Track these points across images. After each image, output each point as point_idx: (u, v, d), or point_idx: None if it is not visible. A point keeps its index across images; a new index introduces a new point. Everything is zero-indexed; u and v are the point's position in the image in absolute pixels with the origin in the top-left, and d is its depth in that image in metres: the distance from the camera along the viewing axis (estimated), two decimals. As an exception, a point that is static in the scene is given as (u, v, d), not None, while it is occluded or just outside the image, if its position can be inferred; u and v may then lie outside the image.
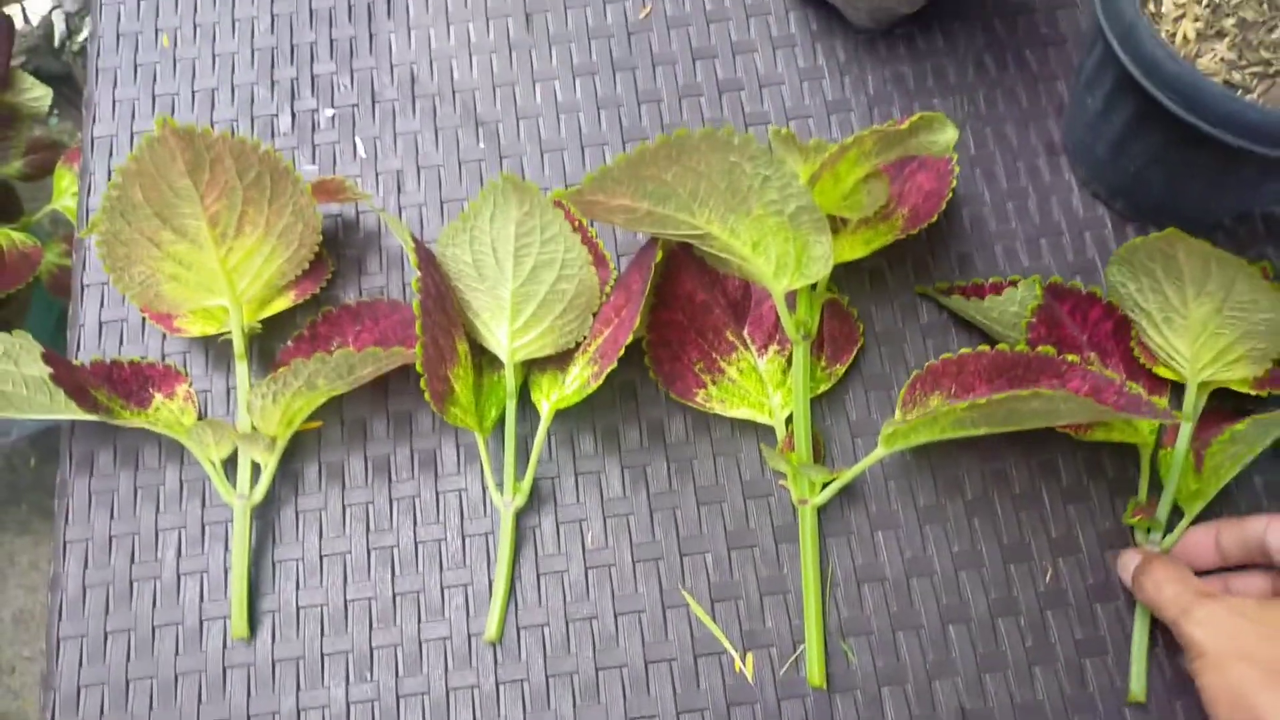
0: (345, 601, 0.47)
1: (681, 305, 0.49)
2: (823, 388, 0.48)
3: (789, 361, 0.48)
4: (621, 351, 0.43)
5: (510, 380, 0.47)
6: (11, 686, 1.18)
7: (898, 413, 0.44)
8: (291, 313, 0.51)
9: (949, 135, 0.41)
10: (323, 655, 0.46)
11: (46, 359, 0.43)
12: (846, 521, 0.47)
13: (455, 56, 0.57)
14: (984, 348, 0.42)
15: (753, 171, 0.40)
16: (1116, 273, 0.45)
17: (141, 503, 0.49)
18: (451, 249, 0.46)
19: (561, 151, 0.55)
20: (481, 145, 0.55)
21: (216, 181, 0.43)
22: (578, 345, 0.47)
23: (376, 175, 0.55)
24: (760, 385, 0.48)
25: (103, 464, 0.50)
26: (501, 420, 0.48)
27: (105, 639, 0.47)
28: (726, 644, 0.45)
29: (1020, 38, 0.56)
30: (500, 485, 0.47)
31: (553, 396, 0.47)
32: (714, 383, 0.48)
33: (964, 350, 0.42)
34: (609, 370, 0.44)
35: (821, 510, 0.47)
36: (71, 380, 0.43)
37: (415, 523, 0.48)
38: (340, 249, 0.53)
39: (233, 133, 0.44)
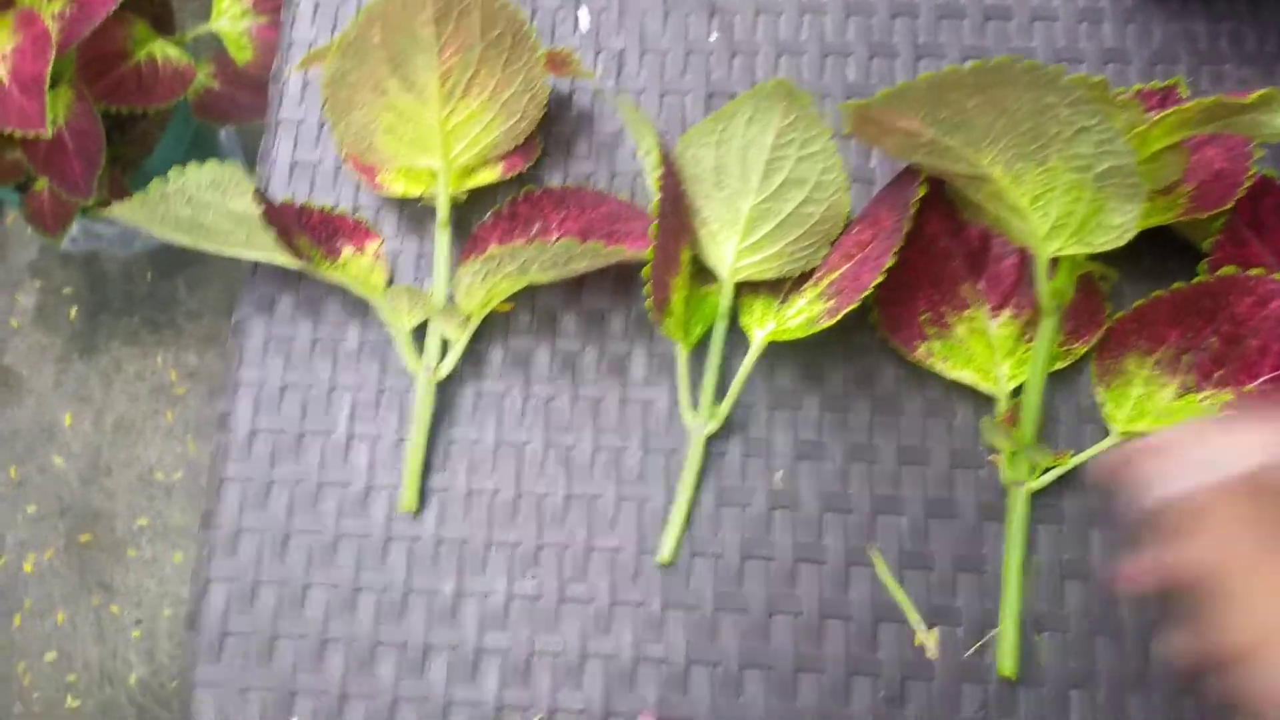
0: (517, 494, 0.45)
1: (920, 247, 0.45)
2: (1056, 365, 0.44)
3: (1024, 329, 0.44)
4: (868, 292, 0.40)
5: (725, 299, 0.44)
6: (106, 487, 1.22)
7: (1098, 390, 0.41)
8: (493, 188, 0.48)
9: (1293, 117, 0.36)
10: (488, 544, 0.45)
11: (258, 197, 0.41)
12: (1059, 510, 0.44)
13: (699, -70, 0.52)
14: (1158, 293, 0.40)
15: (1067, 119, 0.35)
16: None
17: (318, 356, 0.47)
18: (694, 149, 0.42)
19: (800, 56, 0.50)
20: (714, 37, 0.51)
21: (459, 35, 0.40)
22: (804, 274, 0.44)
23: (596, 52, 0.51)
24: (988, 350, 0.44)
25: (282, 310, 0.48)
26: (704, 338, 0.45)
27: (269, 487, 0.46)
28: (912, 614, 0.43)
29: (1337, 7, 0.49)
30: (695, 406, 0.45)
31: (767, 325, 0.44)
32: (938, 338, 0.44)
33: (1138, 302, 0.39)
34: (847, 310, 0.40)
35: (1034, 494, 0.44)
36: (280, 222, 0.41)
37: (596, 427, 0.46)
38: (549, 127, 0.50)
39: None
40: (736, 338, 0.46)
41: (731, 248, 0.43)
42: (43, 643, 1.18)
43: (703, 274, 0.45)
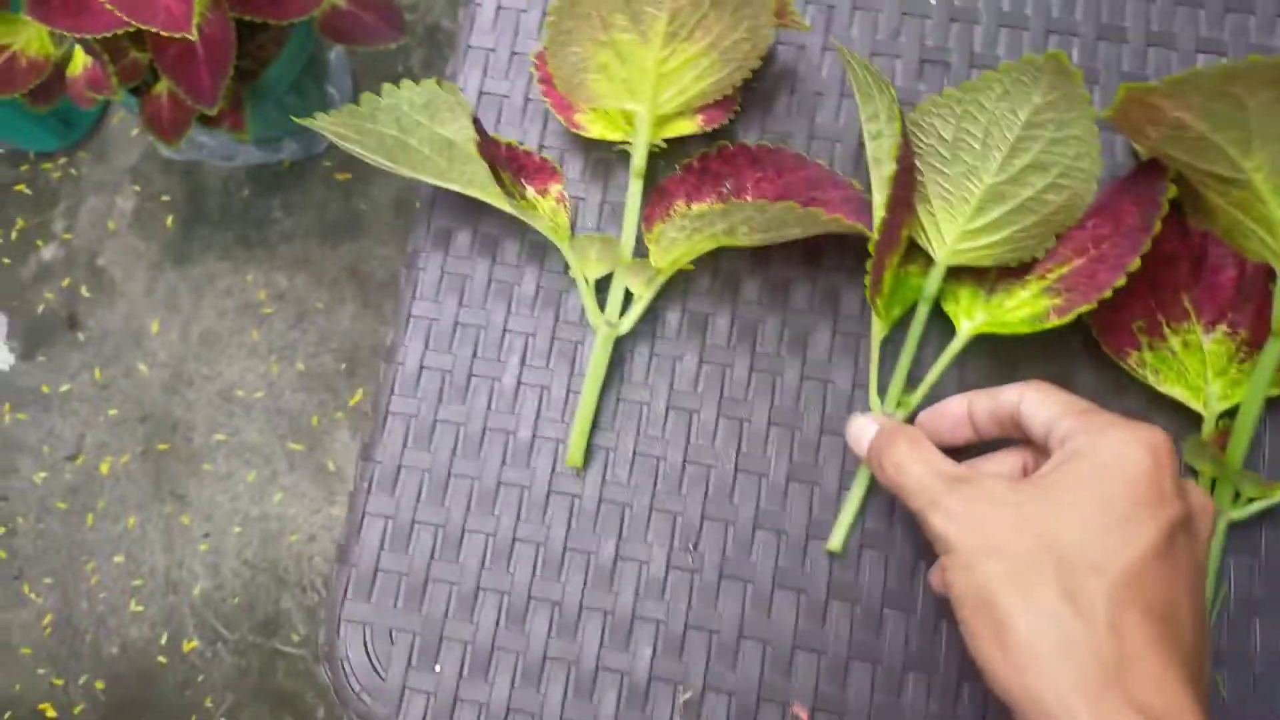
0: (683, 461, 0.44)
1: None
2: (1272, 391, 0.42)
3: (1238, 349, 0.42)
4: (1108, 293, 0.37)
5: (933, 282, 0.42)
6: (187, 398, 1.22)
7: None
8: (682, 140, 0.46)
9: None
10: (651, 509, 0.43)
11: (476, 126, 0.39)
12: (1255, 543, 0.41)
13: (925, -110, 0.49)
14: None
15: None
16: None
17: (493, 297, 0.46)
18: (931, 119, 0.40)
19: (1022, 31, 0.47)
20: (934, 0, 0.48)
21: (702, -29, 0.37)
22: (1022, 265, 0.41)
23: (805, 3, 0.48)
24: (1200, 366, 0.42)
25: (459, 245, 0.46)
26: (902, 322, 0.43)
27: (434, 426, 0.45)
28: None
29: None
30: (882, 393, 0.43)
31: (976, 317, 0.41)
32: (1151, 348, 0.42)
33: None
34: (1080, 310, 0.38)
35: (1231, 524, 0.41)
36: (493, 154, 0.39)
37: (772, 404, 0.44)
38: (749, 81, 0.47)
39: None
40: (939, 326, 0.43)
41: (953, 229, 0.41)
42: (112, 545, 1.20)
43: (912, 254, 0.43)
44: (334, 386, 1.22)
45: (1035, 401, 0.34)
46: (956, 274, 0.43)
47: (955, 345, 0.42)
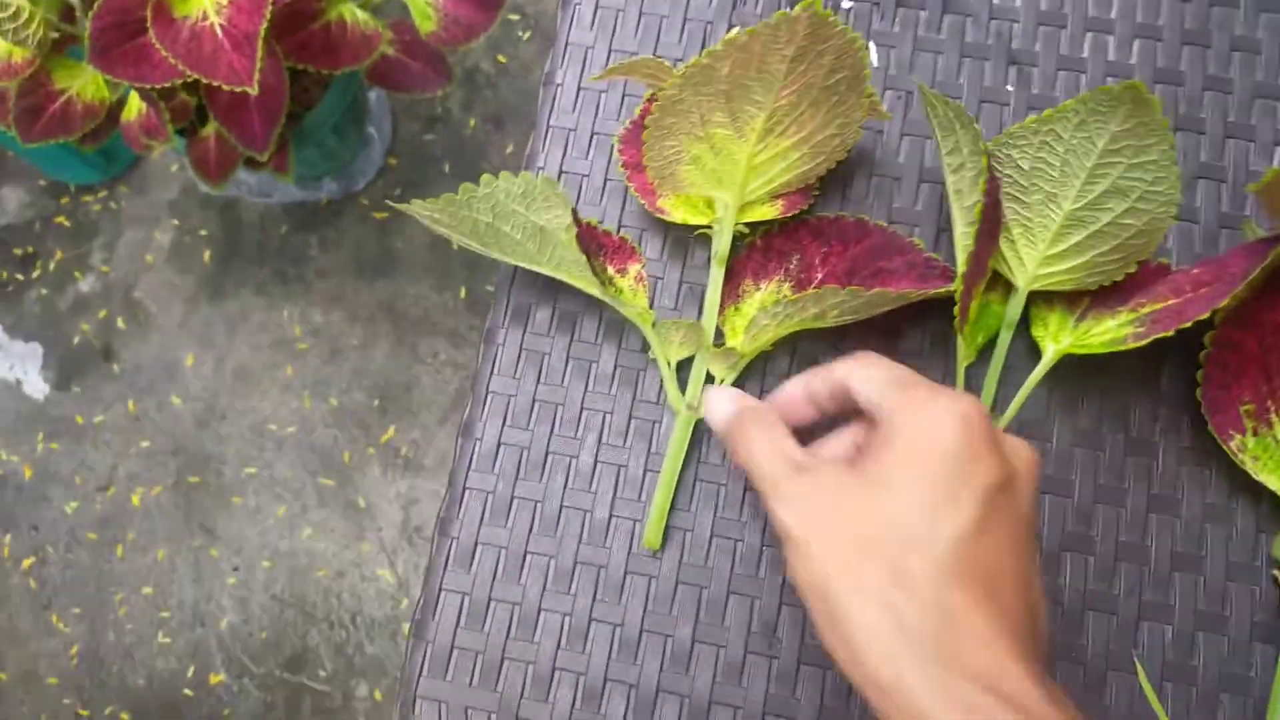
0: (761, 545, 0.44)
1: (1260, 328, 0.42)
2: (1364, 491, 0.42)
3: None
4: (1186, 324, 0.38)
5: (1015, 308, 0.43)
6: (219, 432, 1.23)
7: None
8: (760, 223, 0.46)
9: None
10: (729, 592, 0.43)
11: (575, 217, 0.39)
12: (1340, 642, 0.41)
13: (1000, -25, 0.50)
14: None
15: None
16: None
17: (572, 375, 0.46)
18: (1008, 150, 0.41)
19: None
20: (1010, 87, 0.48)
21: (805, 74, 0.38)
22: (1107, 292, 0.42)
23: (884, 89, 0.49)
24: (1293, 459, 0.42)
25: (538, 322, 0.47)
26: (985, 350, 0.44)
27: (511, 502, 0.45)
28: (1175, 728, 0.41)
29: None
30: None
31: (1063, 340, 0.42)
32: (1255, 434, 0.42)
33: None
34: (1157, 336, 0.39)
35: (1317, 621, 0.41)
36: (590, 244, 0.40)
37: (850, 486, 0.44)
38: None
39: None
40: (1024, 350, 0.45)
41: (1034, 255, 0.41)
42: (141, 576, 1.20)
43: (991, 281, 0.44)
44: (366, 423, 1.22)
45: (862, 377, 0.35)
46: (1048, 300, 0.44)
47: (1042, 367, 0.43)
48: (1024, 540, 0.32)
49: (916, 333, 0.46)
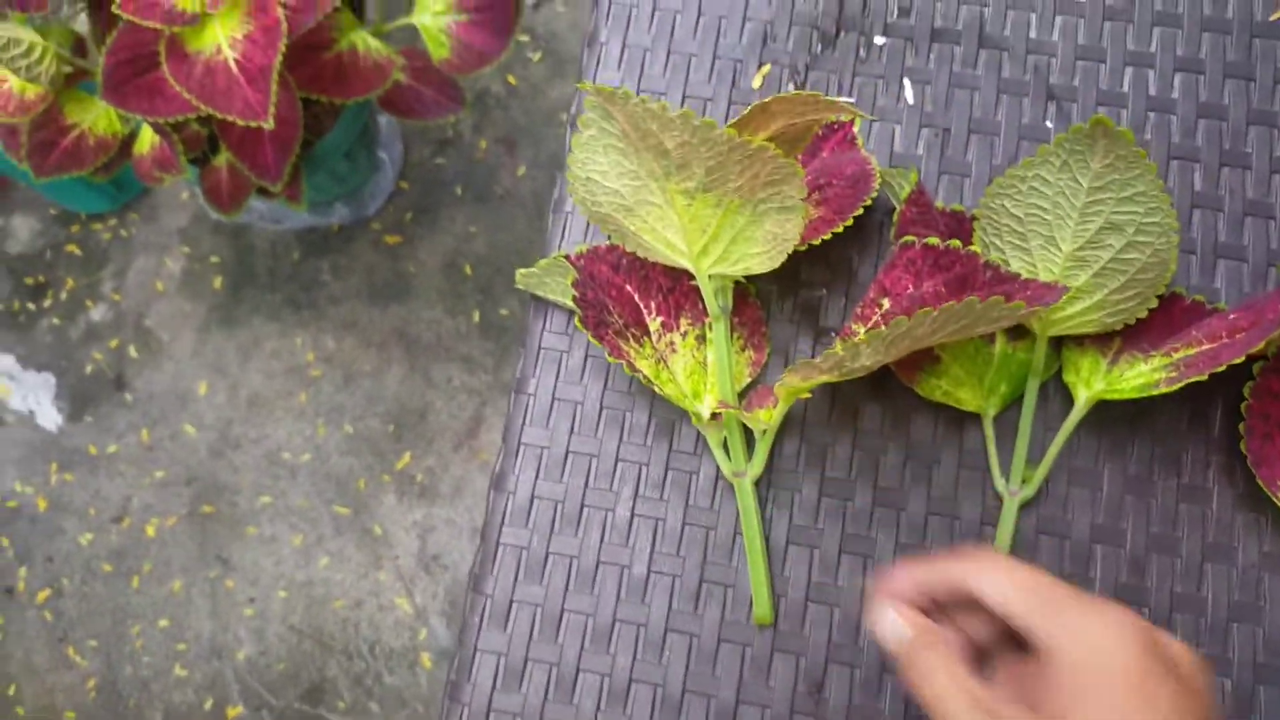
0: (805, 600, 0.43)
1: None
2: None
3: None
4: (1220, 368, 0.37)
5: (1039, 355, 0.42)
6: (233, 461, 1.22)
7: None
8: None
9: None
10: (773, 649, 0.42)
11: (577, 294, 0.38)
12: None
13: (1036, 10, 0.49)
14: None
15: None
16: None
17: (605, 426, 0.45)
18: (999, 201, 0.41)
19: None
20: (1049, 123, 0.47)
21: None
22: (1138, 335, 0.41)
23: (919, 126, 0.47)
24: (1344, 511, 0.41)
25: (570, 370, 0.46)
26: (1014, 400, 0.43)
27: (546, 559, 0.44)
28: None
29: None
30: (1006, 473, 0.42)
31: (1096, 387, 0.41)
32: (1297, 489, 0.41)
33: None
34: (1190, 380, 0.38)
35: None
36: (595, 320, 0.40)
37: (897, 537, 0.43)
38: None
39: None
40: (1055, 397, 0.44)
41: None
42: (157, 608, 1.19)
43: (1016, 332, 0.43)
44: (381, 450, 1.21)
45: (994, 590, 0.34)
46: (1079, 345, 0.43)
47: (1076, 413, 0.42)
48: None
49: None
